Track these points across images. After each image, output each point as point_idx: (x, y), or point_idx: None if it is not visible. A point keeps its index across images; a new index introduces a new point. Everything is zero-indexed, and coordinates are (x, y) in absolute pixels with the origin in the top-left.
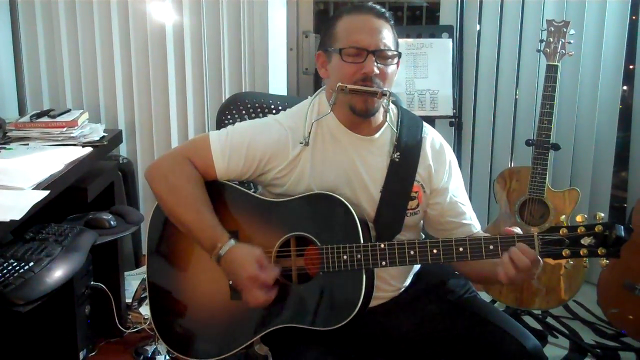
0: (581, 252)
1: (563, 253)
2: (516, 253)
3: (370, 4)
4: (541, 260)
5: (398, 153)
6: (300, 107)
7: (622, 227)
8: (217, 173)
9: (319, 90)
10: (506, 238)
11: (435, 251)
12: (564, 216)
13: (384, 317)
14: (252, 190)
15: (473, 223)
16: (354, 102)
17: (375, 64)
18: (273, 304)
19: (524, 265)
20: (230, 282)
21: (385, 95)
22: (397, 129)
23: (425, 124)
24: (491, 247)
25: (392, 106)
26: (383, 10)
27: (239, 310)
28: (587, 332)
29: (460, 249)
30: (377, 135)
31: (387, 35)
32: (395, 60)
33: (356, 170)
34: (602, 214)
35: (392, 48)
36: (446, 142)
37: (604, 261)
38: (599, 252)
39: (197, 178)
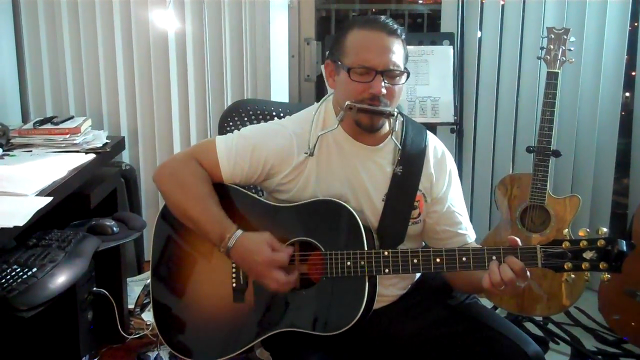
0: (583, 266)
1: (565, 266)
2: (504, 268)
3: (383, 19)
4: (528, 273)
5: (401, 167)
6: (306, 114)
7: (624, 242)
8: (223, 176)
9: (326, 97)
10: (509, 249)
11: (438, 260)
12: (566, 230)
13: (386, 322)
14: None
15: (468, 233)
16: (360, 118)
17: (384, 83)
18: (276, 307)
19: (508, 278)
20: (234, 284)
21: (392, 115)
22: (401, 141)
23: (428, 132)
24: (494, 257)
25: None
26: (396, 26)
27: (241, 314)
28: (589, 339)
29: (464, 259)
30: (381, 145)
31: (398, 53)
32: (403, 79)
33: (359, 179)
34: (605, 229)
35: (401, 66)
36: (447, 151)
37: (606, 275)
38: (600, 266)
39: (204, 175)
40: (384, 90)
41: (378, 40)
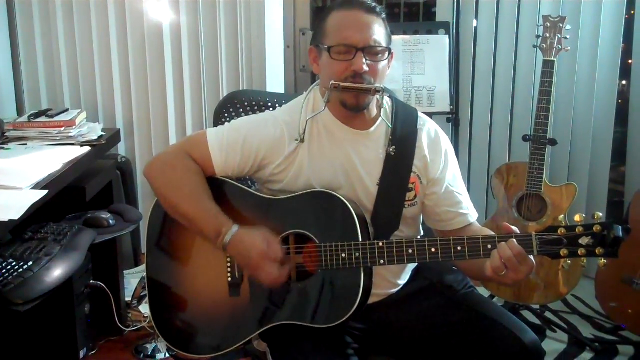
0: (579, 252)
1: (561, 253)
2: (502, 246)
3: None
4: (533, 261)
5: (394, 147)
6: (295, 102)
7: (620, 227)
8: (215, 169)
9: (314, 84)
10: (504, 237)
11: (433, 250)
12: (562, 216)
13: (382, 313)
14: (253, 188)
15: (470, 213)
16: (345, 98)
17: (365, 60)
18: (272, 301)
19: (507, 258)
20: (229, 278)
21: (378, 91)
22: (392, 122)
23: (420, 114)
24: (489, 246)
25: (386, 99)
26: (374, 4)
27: (238, 308)
28: (586, 327)
29: (459, 248)
30: (372, 129)
31: (378, 31)
32: (386, 56)
33: (352, 165)
34: (601, 214)
35: (383, 43)
36: (442, 131)
37: (602, 261)
38: (596, 252)
39: (196, 169)
40: (365, 67)
41: (356, 18)
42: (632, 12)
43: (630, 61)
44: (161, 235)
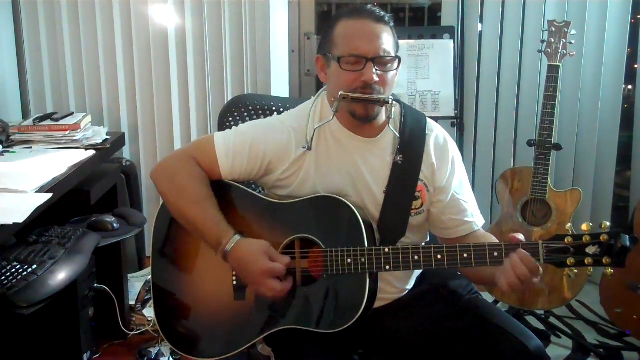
0: (586, 261)
1: (567, 262)
2: (516, 261)
3: (369, 7)
4: (541, 269)
5: (401, 156)
6: (303, 108)
7: (627, 236)
8: (222, 173)
9: (321, 90)
10: (511, 245)
11: (439, 257)
12: (569, 224)
13: (387, 318)
14: (258, 192)
15: (475, 220)
16: (354, 108)
17: (375, 70)
18: (277, 305)
19: (523, 274)
20: (234, 282)
21: (387, 102)
22: (399, 130)
23: (429, 119)
24: (495, 254)
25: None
26: (382, 13)
27: (243, 311)
28: (590, 332)
29: (465, 255)
30: (379, 137)
31: (387, 40)
32: (395, 65)
33: (359, 172)
34: (608, 223)
35: (392, 53)
36: (450, 137)
37: (609, 270)
38: (603, 261)
39: (202, 176)
40: (375, 78)
41: (366, 27)
42: (638, 16)
43: (635, 65)
44: (167, 238)
